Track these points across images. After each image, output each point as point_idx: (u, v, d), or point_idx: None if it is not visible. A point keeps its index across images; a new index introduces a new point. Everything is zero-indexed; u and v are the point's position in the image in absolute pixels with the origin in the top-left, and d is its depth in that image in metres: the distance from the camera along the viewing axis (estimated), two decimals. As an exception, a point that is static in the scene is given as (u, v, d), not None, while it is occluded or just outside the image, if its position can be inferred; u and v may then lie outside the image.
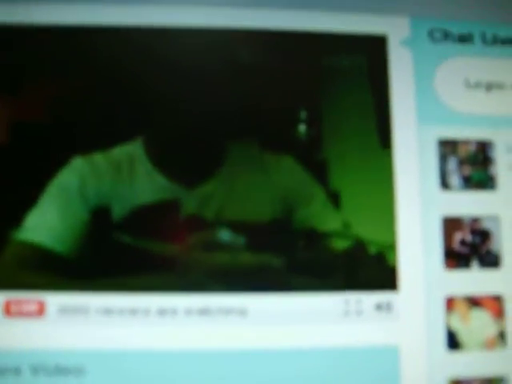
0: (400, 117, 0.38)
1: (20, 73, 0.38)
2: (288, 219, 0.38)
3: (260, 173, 0.39)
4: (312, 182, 0.39)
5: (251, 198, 0.38)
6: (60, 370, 0.35)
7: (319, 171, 0.38)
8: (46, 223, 0.37)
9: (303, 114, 0.39)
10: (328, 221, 0.38)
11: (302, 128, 0.39)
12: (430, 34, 0.39)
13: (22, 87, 0.38)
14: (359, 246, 0.37)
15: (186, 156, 0.39)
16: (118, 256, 0.36)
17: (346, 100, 0.39)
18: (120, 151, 0.38)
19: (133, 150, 0.39)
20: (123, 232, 0.37)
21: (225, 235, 0.36)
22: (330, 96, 0.40)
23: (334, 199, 0.38)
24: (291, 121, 0.39)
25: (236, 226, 0.37)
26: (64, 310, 0.35)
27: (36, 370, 0.35)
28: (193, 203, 0.38)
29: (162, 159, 0.39)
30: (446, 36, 0.40)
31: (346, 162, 0.39)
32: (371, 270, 0.38)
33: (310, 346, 0.36)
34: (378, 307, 0.37)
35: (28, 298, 0.35)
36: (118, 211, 0.37)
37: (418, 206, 0.38)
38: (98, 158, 0.38)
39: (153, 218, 0.37)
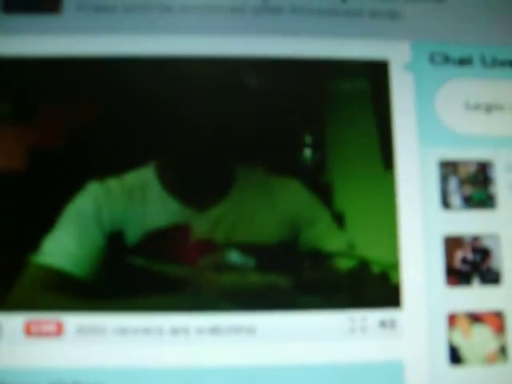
0: (402, 139, 0.39)
1: (35, 102, 0.40)
2: (294, 241, 0.39)
3: (267, 196, 0.40)
4: (317, 204, 0.40)
5: (259, 221, 0.40)
6: None
7: (324, 193, 0.39)
8: (63, 247, 0.38)
9: (308, 139, 0.40)
10: (333, 242, 0.39)
11: (307, 152, 0.40)
12: (431, 57, 0.40)
13: (38, 116, 0.40)
14: (363, 265, 0.38)
15: (197, 181, 0.40)
16: (132, 278, 0.38)
17: (350, 124, 0.40)
18: (133, 176, 0.40)
19: (145, 175, 0.40)
20: (137, 255, 0.38)
21: (235, 257, 0.38)
22: (334, 120, 0.41)
23: (339, 220, 0.39)
24: (297, 145, 0.40)
25: (245, 248, 0.38)
26: (82, 330, 0.37)
27: None
28: (204, 226, 0.39)
29: (173, 184, 0.40)
30: (447, 59, 0.41)
31: (350, 184, 0.40)
32: (375, 288, 0.39)
33: (317, 362, 0.37)
34: (382, 324, 0.38)
35: (47, 318, 0.37)
36: (132, 235, 0.38)
37: (420, 226, 0.39)
38: (112, 183, 0.39)
39: (165, 242, 0.38)
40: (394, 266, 0.38)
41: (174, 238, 0.38)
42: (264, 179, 0.41)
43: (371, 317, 0.38)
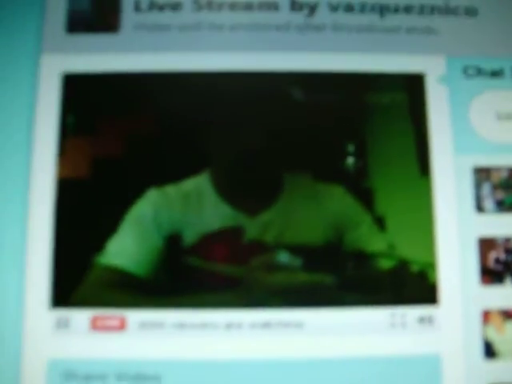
0: (438, 147, 0.42)
1: (99, 115, 0.43)
2: (339, 242, 0.42)
3: (313, 201, 0.43)
4: (360, 208, 0.42)
5: (306, 224, 0.42)
6: (140, 377, 0.39)
7: (366, 198, 0.42)
8: (125, 249, 0.41)
9: (351, 147, 0.43)
10: (374, 243, 0.42)
11: (350, 160, 0.43)
12: (465, 70, 0.43)
13: (102, 127, 0.43)
14: (403, 265, 0.41)
15: (248, 188, 0.43)
16: (189, 277, 0.41)
17: (389, 133, 0.43)
18: (189, 183, 0.43)
19: (201, 182, 0.43)
20: (193, 256, 0.41)
21: (284, 257, 0.41)
22: (374, 130, 0.43)
23: (380, 223, 0.42)
24: (340, 154, 0.43)
25: (294, 249, 0.41)
26: (143, 325, 0.39)
27: (119, 377, 0.39)
28: (255, 229, 0.42)
29: (226, 190, 0.43)
30: (479, 72, 0.43)
31: (390, 190, 0.42)
32: (414, 286, 0.41)
33: (359, 355, 0.39)
34: (421, 320, 0.40)
35: (111, 314, 0.40)
36: (189, 238, 0.41)
37: (456, 228, 0.41)
38: (170, 189, 0.42)
39: (219, 243, 0.41)
40: (432, 265, 0.40)
41: (227, 240, 0.41)
42: (310, 185, 0.43)
43: (410, 313, 0.40)
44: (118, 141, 0.42)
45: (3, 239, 0.40)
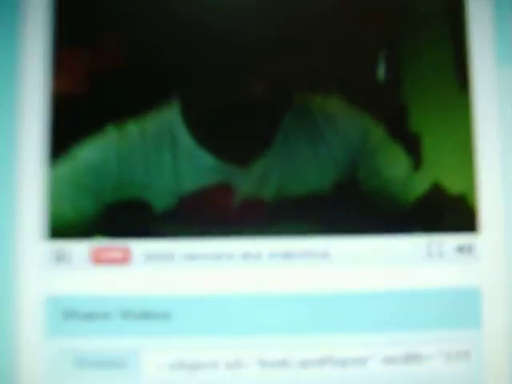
0: (478, 58, 0.38)
1: (94, 25, 0.38)
2: (355, 178, 0.37)
3: (316, 133, 0.37)
4: (367, 119, 0.37)
5: (312, 166, 0.36)
6: (147, 315, 0.36)
7: (399, 115, 0.38)
8: None
9: (382, 57, 0.38)
10: (396, 169, 0.37)
11: (382, 71, 0.38)
12: (510, -27, 0.38)
13: (97, 38, 0.38)
14: (437, 187, 0.37)
15: (236, 127, 0.35)
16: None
17: (425, 42, 0.38)
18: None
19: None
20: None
21: None
22: (408, 38, 0.39)
23: (415, 142, 0.38)
24: (371, 64, 0.38)
25: (299, 204, 0.35)
26: (149, 257, 0.36)
27: (124, 314, 0.36)
28: (249, 184, 0.35)
29: (205, 133, 0.35)
30: (526, -23, 0.39)
31: (426, 105, 0.38)
32: (452, 212, 0.37)
33: (392, 288, 0.36)
34: (460, 249, 0.37)
35: (114, 245, 0.36)
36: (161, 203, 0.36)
37: (498, 148, 0.37)
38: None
39: (204, 208, 0.35)
40: (471, 188, 0.37)
41: (214, 202, 0.35)
42: (311, 119, 0.37)
43: (448, 241, 0.36)
44: (115, 51, 0.38)
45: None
